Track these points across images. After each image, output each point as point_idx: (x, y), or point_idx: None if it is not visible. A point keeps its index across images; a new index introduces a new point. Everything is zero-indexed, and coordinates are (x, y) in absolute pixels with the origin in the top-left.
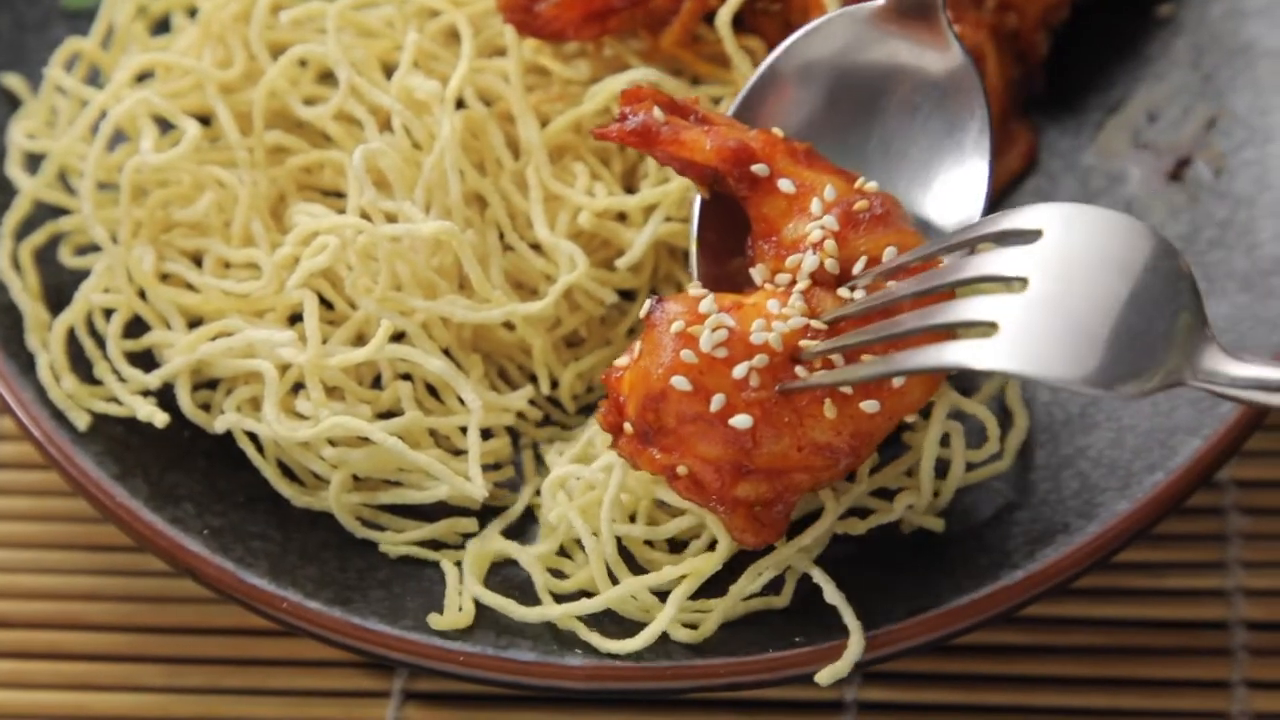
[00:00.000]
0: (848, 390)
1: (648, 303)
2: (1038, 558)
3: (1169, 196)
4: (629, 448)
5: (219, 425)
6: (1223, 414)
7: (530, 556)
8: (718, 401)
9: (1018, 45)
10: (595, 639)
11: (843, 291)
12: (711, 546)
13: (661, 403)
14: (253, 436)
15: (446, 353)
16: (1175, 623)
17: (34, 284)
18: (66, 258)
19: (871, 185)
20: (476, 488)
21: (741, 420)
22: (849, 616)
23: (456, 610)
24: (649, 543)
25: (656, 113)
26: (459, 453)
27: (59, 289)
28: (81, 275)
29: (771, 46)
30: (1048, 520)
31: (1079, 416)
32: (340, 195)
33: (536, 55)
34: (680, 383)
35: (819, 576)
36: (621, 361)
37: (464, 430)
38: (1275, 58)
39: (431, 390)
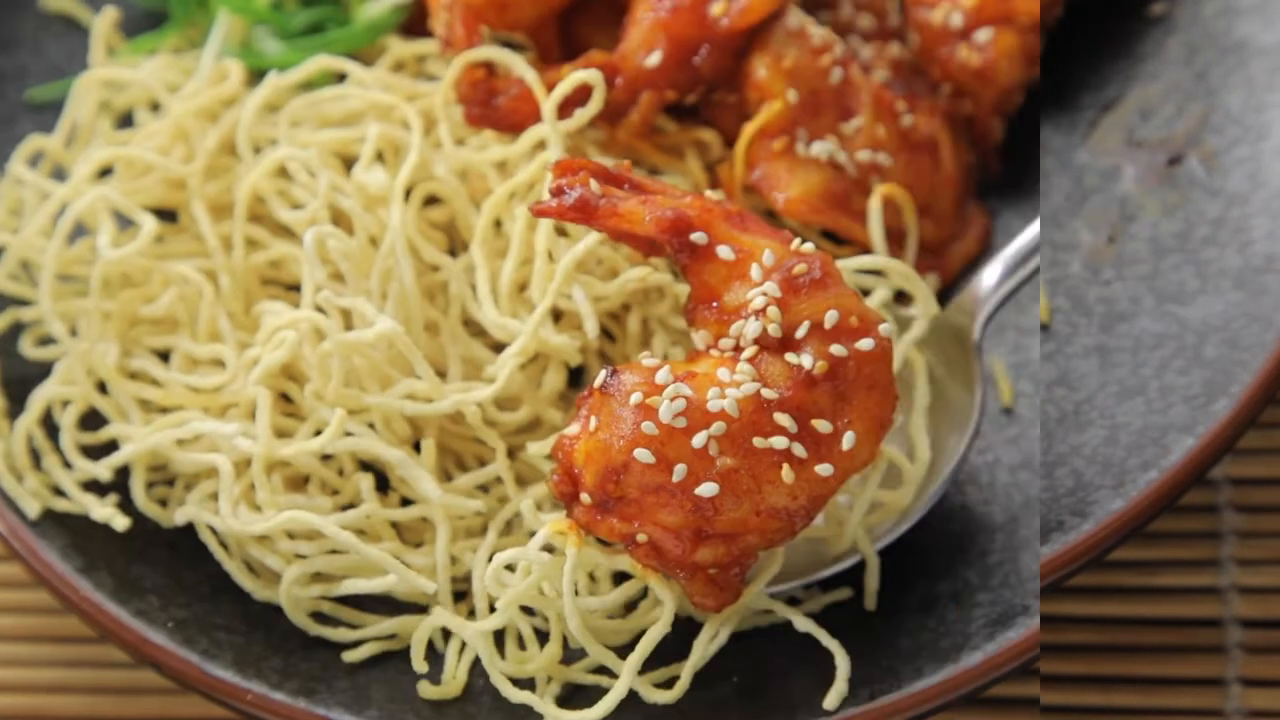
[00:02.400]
0: (803, 455)
1: (601, 373)
2: None
3: (1162, 194)
4: (586, 517)
5: (179, 518)
6: (1216, 412)
7: (475, 633)
8: (679, 472)
9: (972, 131)
10: (552, 711)
11: (790, 357)
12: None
13: (624, 474)
14: (215, 529)
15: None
16: (1170, 620)
17: None
18: (28, 349)
19: (807, 246)
20: (427, 585)
21: (707, 489)
22: (825, 638)
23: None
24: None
25: (593, 185)
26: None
27: (22, 380)
28: (42, 365)
29: (727, 138)
30: (1042, 518)
31: (1073, 414)
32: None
33: (496, 142)
34: (643, 455)
35: (781, 609)
36: (572, 430)
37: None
38: (1267, 55)
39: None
